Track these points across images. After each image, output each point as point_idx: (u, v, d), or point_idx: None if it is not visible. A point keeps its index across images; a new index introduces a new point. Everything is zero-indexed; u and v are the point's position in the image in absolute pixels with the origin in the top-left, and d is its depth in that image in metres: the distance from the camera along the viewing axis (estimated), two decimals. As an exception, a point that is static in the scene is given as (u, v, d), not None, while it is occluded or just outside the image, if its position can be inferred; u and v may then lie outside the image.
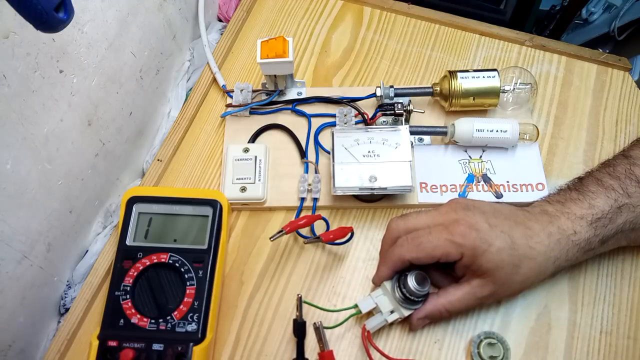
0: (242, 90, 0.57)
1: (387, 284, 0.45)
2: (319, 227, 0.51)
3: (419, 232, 0.43)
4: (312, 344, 0.46)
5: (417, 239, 0.43)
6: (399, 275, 0.44)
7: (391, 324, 0.45)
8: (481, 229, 0.41)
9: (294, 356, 0.45)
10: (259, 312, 0.48)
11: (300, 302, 0.45)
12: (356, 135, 0.51)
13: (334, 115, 0.56)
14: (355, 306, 0.45)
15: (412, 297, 0.43)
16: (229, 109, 0.57)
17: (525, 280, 0.42)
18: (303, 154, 0.54)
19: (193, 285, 0.44)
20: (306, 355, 0.45)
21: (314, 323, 0.43)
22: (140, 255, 0.45)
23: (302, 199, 0.52)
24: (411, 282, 0.42)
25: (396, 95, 0.55)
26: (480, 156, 0.54)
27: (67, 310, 0.49)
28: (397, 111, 0.54)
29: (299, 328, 0.45)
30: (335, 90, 0.58)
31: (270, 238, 0.45)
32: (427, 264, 0.43)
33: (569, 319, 0.47)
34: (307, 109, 0.57)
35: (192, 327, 0.42)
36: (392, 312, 0.44)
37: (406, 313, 0.44)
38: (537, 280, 0.43)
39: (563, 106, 0.58)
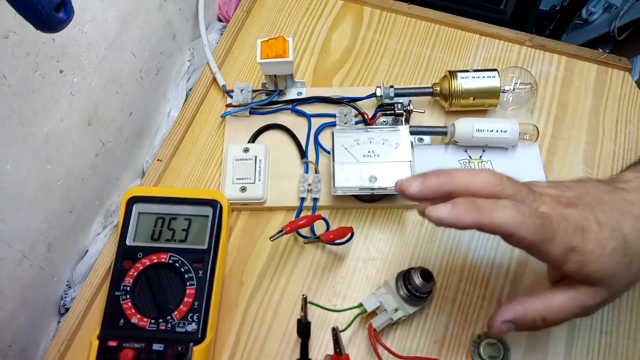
0: (242, 90, 0.56)
1: (391, 283, 0.45)
2: (319, 227, 0.51)
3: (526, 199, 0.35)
4: (312, 344, 0.46)
5: (540, 219, 0.33)
6: (402, 273, 0.44)
7: (396, 322, 0.45)
8: (591, 230, 0.34)
9: (296, 356, 0.45)
10: (259, 312, 0.48)
11: (305, 302, 0.45)
12: (356, 135, 0.51)
13: (334, 115, 0.56)
14: (360, 305, 0.45)
15: (418, 294, 0.43)
16: (229, 109, 0.57)
17: (633, 281, 0.35)
18: (303, 154, 0.54)
19: (193, 285, 0.44)
20: (309, 356, 0.45)
21: (333, 328, 0.43)
22: (140, 255, 0.45)
23: (302, 199, 0.52)
24: (417, 278, 0.42)
25: (396, 95, 0.55)
26: (480, 156, 0.54)
27: (67, 310, 0.49)
28: (397, 111, 0.54)
29: (304, 329, 0.45)
30: (335, 90, 0.58)
31: (270, 238, 0.45)
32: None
33: (569, 319, 0.47)
34: (307, 109, 0.57)
35: (192, 327, 0.42)
36: (396, 310, 0.44)
37: (411, 310, 0.44)
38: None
39: (563, 106, 0.58)
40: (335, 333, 0.43)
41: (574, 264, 0.33)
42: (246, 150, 0.53)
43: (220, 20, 0.69)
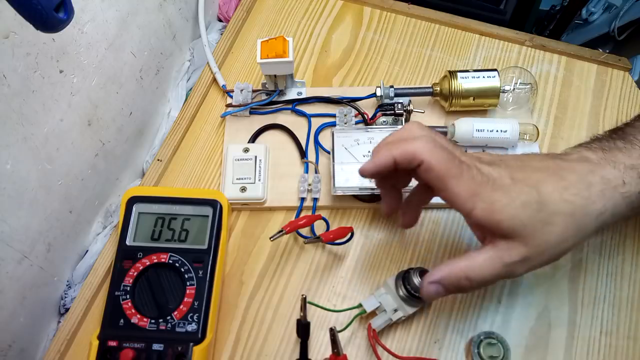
0: (242, 90, 0.57)
1: (390, 283, 0.45)
2: (319, 227, 0.51)
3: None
4: (312, 344, 0.46)
5: (450, 154, 0.36)
6: (402, 273, 0.44)
7: (395, 322, 0.45)
8: (502, 184, 0.35)
9: (296, 357, 0.45)
10: (259, 312, 0.48)
11: (304, 302, 0.45)
12: (356, 135, 0.51)
13: (334, 115, 0.56)
14: (360, 305, 0.45)
15: (417, 294, 0.43)
16: (229, 109, 0.57)
17: (563, 241, 0.35)
18: (303, 154, 0.54)
19: (193, 285, 0.44)
20: (308, 356, 0.45)
21: (330, 328, 0.43)
22: (140, 255, 0.45)
23: (302, 199, 0.52)
24: (416, 278, 0.42)
25: (396, 95, 0.55)
26: (480, 156, 0.54)
27: (67, 310, 0.49)
28: (397, 111, 0.54)
29: (304, 329, 0.45)
30: (335, 90, 0.58)
31: (270, 238, 0.45)
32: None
33: (569, 319, 0.47)
34: (307, 109, 0.57)
35: (192, 327, 0.42)
36: (396, 310, 0.44)
37: (410, 311, 0.44)
38: (578, 239, 0.35)
39: (563, 106, 0.58)
40: (333, 333, 0.43)
41: (481, 210, 0.35)
42: (246, 150, 0.53)
43: (220, 20, 0.69)
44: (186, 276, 0.44)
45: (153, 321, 0.42)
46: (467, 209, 0.35)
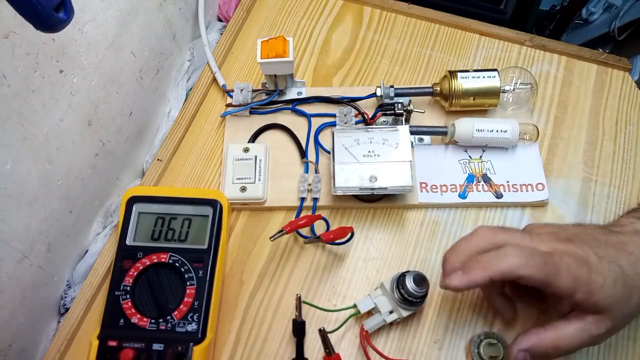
0: (242, 90, 0.56)
1: (386, 284, 0.45)
2: (319, 227, 0.51)
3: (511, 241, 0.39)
4: (312, 344, 0.46)
5: (541, 257, 0.37)
6: (398, 276, 0.44)
7: (390, 324, 0.45)
8: (592, 262, 0.37)
9: (294, 356, 0.45)
10: (259, 312, 0.48)
11: (299, 301, 0.45)
12: (356, 135, 0.51)
13: (334, 115, 0.56)
14: (354, 306, 0.45)
15: (410, 298, 0.43)
16: (229, 109, 0.57)
17: (637, 310, 0.38)
18: (303, 153, 0.54)
19: (193, 285, 0.44)
20: (305, 355, 0.45)
21: (320, 329, 0.43)
22: (140, 255, 0.45)
23: (302, 199, 0.52)
24: (409, 283, 0.42)
25: (396, 95, 0.55)
26: (480, 156, 0.54)
27: (67, 310, 0.49)
28: (397, 111, 0.54)
29: (299, 328, 0.45)
30: (335, 90, 0.58)
31: (270, 238, 0.45)
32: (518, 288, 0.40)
33: (569, 319, 0.47)
34: (307, 108, 0.57)
35: (192, 327, 0.42)
36: (391, 312, 0.44)
37: (405, 314, 0.44)
38: None
39: (563, 106, 0.58)
40: (323, 334, 0.43)
41: (582, 293, 0.36)
42: (246, 150, 0.53)
43: (220, 20, 0.69)
44: (186, 276, 0.44)
45: (153, 321, 0.42)
46: (569, 295, 0.37)
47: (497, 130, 0.52)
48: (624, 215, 0.44)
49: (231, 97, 0.58)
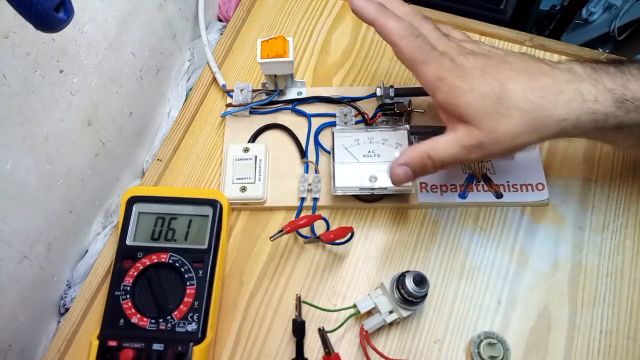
0: (242, 90, 0.57)
1: (386, 284, 0.45)
2: (319, 227, 0.51)
3: (424, 32, 0.41)
4: (312, 344, 0.46)
5: (423, 43, 0.40)
6: (398, 276, 0.44)
7: (390, 324, 0.45)
8: (468, 70, 0.39)
9: (294, 356, 0.45)
10: (259, 312, 0.48)
11: (299, 301, 0.45)
12: (356, 135, 0.51)
13: (334, 115, 0.56)
14: (354, 306, 0.45)
15: (410, 298, 0.43)
16: (229, 109, 0.57)
17: (518, 134, 0.37)
18: (303, 153, 0.54)
19: (193, 285, 0.44)
20: (305, 355, 0.45)
21: (319, 329, 0.43)
22: (140, 255, 0.45)
23: (302, 199, 0.52)
24: (409, 283, 0.42)
25: (396, 95, 0.55)
26: (480, 156, 0.54)
27: (67, 310, 0.49)
28: (397, 111, 0.54)
29: (298, 328, 0.45)
30: (335, 90, 0.58)
31: (270, 238, 0.46)
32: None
33: (569, 319, 0.47)
34: (307, 108, 0.57)
35: (192, 327, 0.42)
36: (391, 312, 0.44)
37: (405, 314, 0.44)
38: (534, 137, 0.38)
39: (563, 106, 0.58)
40: (322, 334, 0.43)
41: (443, 93, 0.39)
42: (246, 150, 0.53)
43: (220, 20, 0.69)
44: (186, 276, 0.44)
45: (153, 321, 0.42)
46: (431, 90, 0.40)
47: (497, 130, 0.52)
48: (570, 59, 0.43)
49: (231, 97, 0.58)
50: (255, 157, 0.53)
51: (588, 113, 0.37)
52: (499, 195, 0.52)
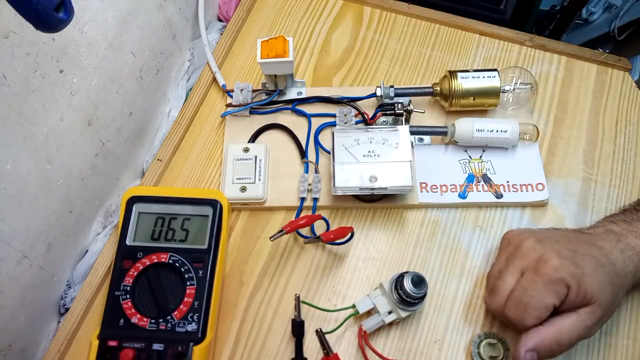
0: (242, 90, 0.56)
1: (385, 285, 0.45)
2: (319, 227, 0.51)
3: (515, 295, 0.41)
4: (311, 344, 0.46)
5: (519, 303, 0.41)
6: (396, 276, 0.44)
7: (390, 324, 0.45)
8: (568, 256, 0.40)
9: (293, 356, 0.45)
10: (259, 312, 0.48)
11: (298, 301, 0.45)
12: (356, 135, 0.50)
13: (334, 115, 0.56)
14: (353, 306, 0.45)
15: (409, 299, 0.43)
16: (229, 109, 0.57)
17: (618, 298, 0.41)
18: (303, 153, 0.54)
19: (193, 285, 0.44)
20: (305, 355, 0.45)
21: (316, 330, 0.43)
22: (140, 255, 0.45)
23: (302, 199, 0.52)
24: (407, 284, 0.42)
25: (396, 95, 0.55)
26: (480, 156, 0.54)
27: (67, 310, 0.49)
28: (397, 111, 0.54)
29: (298, 328, 0.45)
30: (336, 90, 0.58)
31: (270, 238, 0.45)
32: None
33: (569, 319, 0.47)
34: (307, 108, 0.57)
35: (192, 327, 0.42)
36: (389, 312, 0.44)
37: (403, 314, 0.44)
38: (623, 297, 0.43)
39: (563, 106, 0.58)
40: (319, 335, 0.43)
41: (573, 288, 0.40)
42: (246, 150, 0.53)
43: (220, 20, 0.69)
44: (186, 276, 0.44)
45: (153, 321, 0.42)
46: (565, 294, 0.40)
47: (497, 130, 0.52)
48: (600, 220, 0.48)
49: (231, 97, 0.58)
50: (255, 157, 0.53)
51: None
52: (499, 196, 0.52)
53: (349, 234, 0.48)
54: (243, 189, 0.51)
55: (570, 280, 0.39)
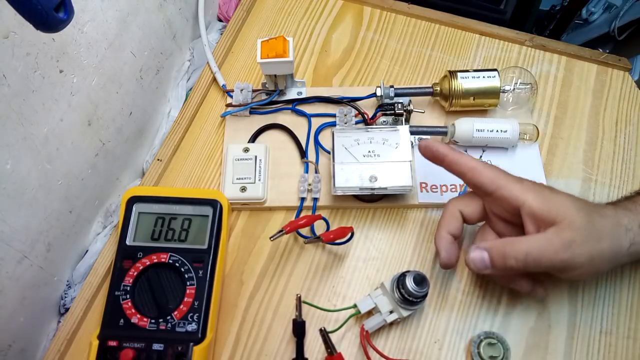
0: (242, 90, 0.56)
1: (387, 284, 0.45)
2: (319, 227, 0.51)
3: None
4: (312, 344, 0.46)
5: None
6: (398, 275, 0.44)
7: (391, 324, 0.45)
8: (558, 192, 0.41)
9: (294, 356, 0.45)
10: (259, 312, 0.48)
11: (299, 301, 0.45)
12: (356, 135, 0.51)
13: (334, 115, 0.56)
14: (355, 306, 0.45)
15: (411, 298, 0.43)
16: (229, 109, 0.57)
17: (603, 250, 0.38)
18: (303, 153, 0.54)
19: (193, 285, 0.44)
20: (305, 355, 0.45)
21: (320, 329, 0.43)
22: (140, 255, 0.45)
23: (302, 199, 0.52)
24: (409, 282, 0.42)
25: (396, 95, 0.55)
26: (481, 156, 0.54)
27: (67, 310, 0.49)
28: (397, 111, 0.54)
29: (299, 328, 0.45)
30: (336, 90, 0.58)
31: (270, 238, 0.45)
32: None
33: (568, 319, 0.47)
34: (307, 108, 0.57)
35: (192, 327, 0.42)
36: (391, 312, 0.44)
37: (405, 314, 0.44)
38: (614, 253, 0.39)
39: (563, 106, 0.58)
40: (323, 334, 0.43)
41: (538, 198, 0.40)
42: (246, 150, 0.53)
43: (220, 20, 0.69)
44: (186, 276, 0.44)
45: (153, 321, 0.42)
46: (521, 200, 0.40)
47: (497, 130, 0.52)
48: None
49: (231, 97, 0.58)
50: (255, 157, 0.53)
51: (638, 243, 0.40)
52: (499, 195, 0.52)
53: (349, 234, 0.48)
54: (243, 189, 0.51)
55: (535, 194, 0.40)
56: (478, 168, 0.43)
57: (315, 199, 0.52)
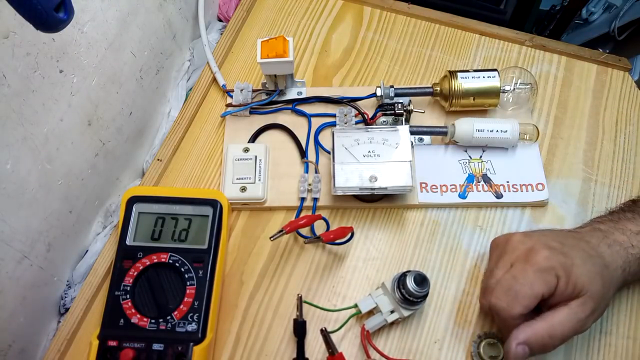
0: (242, 90, 0.56)
1: (387, 284, 0.45)
2: (319, 227, 0.51)
3: (504, 283, 0.41)
4: (312, 344, 0.46)
5: (509, 291, 0.40)
6: (399, 275, 0.44)
7: (391, 323, 0.45)
8: (557, 247, 0.41)
9: (294, 356, 0.45)
10: (259, 312, 0.48)
11: (300, 301, 0.45)
12: (356, 135, 0.50)
13: (334, 115, 0.56)
14: (355, 306, 0.45)
15: (412, 298, 0.43)
16: (229, 109, 0.57)
17: (609, 292, 0.41)
18: (303, 153, 0.54)
19: (193, 285, 0.44)
20: (306, 355, 0.45)
21: (321, 329, 0.43)
22: (140, 255, 0.45)
23: (302, 199, 0.52)
24: (410, 282, 0.42)
25: (396, 95, 0.55)
26: (480, 156, 0.54)
27: (67, 310, 0.49)
28: (397, 111, 0.54)
29: (300, 327, 0.45)
30: (336, 90, 0.58)
31: (270, 238, 0.45)
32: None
33: (569, 319, 0.47)
34: (307, 108, 0.57)
35: (192, 327, 0.42)
36: (392, 312, 0.44)
37: (406, 313, 0.44)
38: (614, 292, 0.42)
39: (563, 106, 0.58)
40: (324, 334, 0.43)
41: (562, 279, 0.40)
42: (246, 150, 0.53)
43: (220, 20, 0.69)
44: (186, 276, 0.44)
45: (153, 321, 0.42)
46: (555, 285, 0.40)
47: (497, 130, 0.52)
48: (585, 222, 0.48)
49: (231, 97, 0.58)
50: (255, 157, 0.53)
51: (633, 258, 0.42)
52: (499, 196, 0.52)
53: (349, 234, 0.48)
54: (243, 189, 0.51)
55: (559, 269, 0.39)
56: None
57: (315, 199, 0.52)
